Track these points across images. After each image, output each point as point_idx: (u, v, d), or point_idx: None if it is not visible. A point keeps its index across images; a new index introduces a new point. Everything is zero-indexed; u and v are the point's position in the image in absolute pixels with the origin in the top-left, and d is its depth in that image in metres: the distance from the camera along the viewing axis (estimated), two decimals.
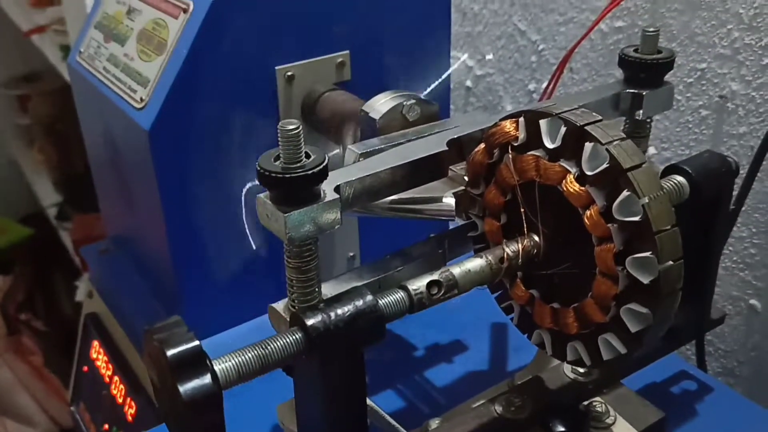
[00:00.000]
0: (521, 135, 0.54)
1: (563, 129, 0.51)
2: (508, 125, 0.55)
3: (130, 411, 0.87)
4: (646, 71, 0.66)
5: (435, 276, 0.50)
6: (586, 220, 0.50)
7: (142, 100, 0.76)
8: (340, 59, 0.82)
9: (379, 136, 0.69)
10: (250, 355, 0.44)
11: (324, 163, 0.49)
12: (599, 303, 0.51)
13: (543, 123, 0.52)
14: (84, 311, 1.05)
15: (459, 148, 0.60)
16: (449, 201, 0.60)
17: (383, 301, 0.48)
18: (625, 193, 0.48)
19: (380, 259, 0.60)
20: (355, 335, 0.46)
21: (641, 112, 0.67)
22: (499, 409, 0.61)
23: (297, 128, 0.48)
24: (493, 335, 0.85)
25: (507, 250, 0.53)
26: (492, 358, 0.82)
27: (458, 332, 0.84)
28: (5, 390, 1.99)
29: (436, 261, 0.58)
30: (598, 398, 0.64)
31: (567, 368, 0.66)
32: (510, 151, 0.55)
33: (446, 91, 0.91)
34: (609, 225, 0.49)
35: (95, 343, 0.98)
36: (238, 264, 0.84)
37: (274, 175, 0.48)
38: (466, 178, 0.59)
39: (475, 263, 0.52)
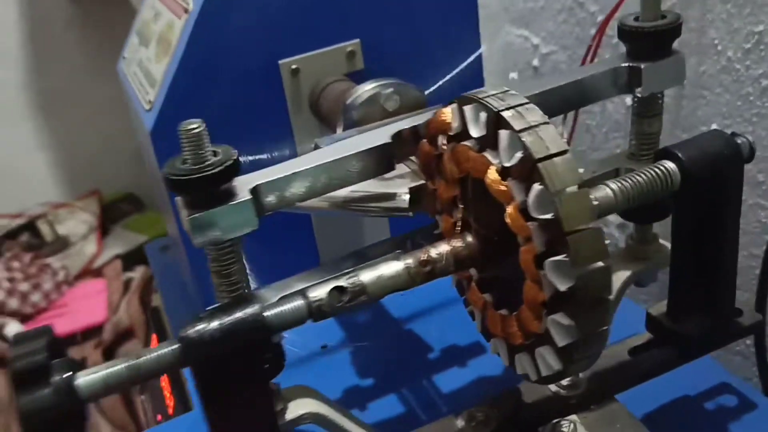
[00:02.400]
0: (455, 123, 0.48)
1: (483, 115, 0.45)
2: (446, 113, 0.49)
3: (171, 404, 0.89)
4: (644, 41, 0.58)
5: (341, 281, 0.46)
6: (507, 218, 0.44)
7: (150, 102, 0.77)
8: (350, 48, 0.79)
9: (358, 127, 0.66)
10: (120, 366, 0.43)
11: (227, 163, 0.47)
12: (531, 310, 0.45)
13: (467, 110, 0.47)
14: (151, 305, 1.10)
15: (414, 139, 0.55)
16: (405, 197, 0.56)
17: (274, 311, 0.45)
18: (537, 186, 0.41)
19: (335, 260, 0.57)
20: (236, 348, 0.44)
21: (641, 88, 0.58)
22: (460, 423, 0.56)
23: (197, 128, 0.46)
24: None
25: (430, 251, 0.48)
26: None
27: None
28: None
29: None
30: (573, 416, 0.57)
31: None
32: (447, 142, 0.50)
33: (475, 78, 0.85)
34: (528, 223, 0.43)
35: (153, 336, 1.03)
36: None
37: (173, 177, 0.46)
38: None
39: (390, 267, 0.47)
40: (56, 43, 2.30)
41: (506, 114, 0.43)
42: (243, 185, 0.49)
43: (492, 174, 0.45)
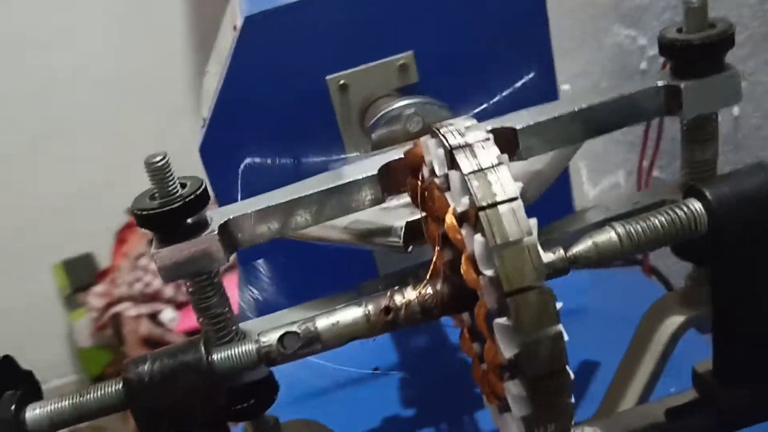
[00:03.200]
0: (428, 157, 0.44)
1: (440, 152, 0.40)
2: (422, 145, 0.45)
3: None
4: (686, 56, 0.49)
5: (294, 327, 0.43)
6: (462, 269, 0.39)
7: (204, 119, 0.78)
8: (401, 61, 0.75)
9: (375, 151, 0.62)
10: (65, 403, 0.43)
11: (193, 195, 0.45)
12: (493, 372, 0.40)
13: (430, 144, 0.42)
14: None
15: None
16: (399, 232, 0.52)
17: (222, 354, 0.43)
18: (479, 238, 0.36)
19: (330, 296, 0.55)
20: (180, 394, 0.42)
21: (683, 111, 0.50)
22: None
23: (161, 160, 0.45)
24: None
25: (395, 298, 0.44)
26: None
27: None
28: None
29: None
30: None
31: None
32: (423, 177, 0.45)
33: (548, 89, 0.78)
34: (480, 278, 0.38)
35: None
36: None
37: (139, 213, 0.45)
38: None
39: (347, 313, 0.44)
40: None
41: (458, 153, 0.38)
42: (217, 218, 0.47)
43: (449, 218, 0.40)
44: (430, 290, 0.44)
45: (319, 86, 0.75)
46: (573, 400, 0.37)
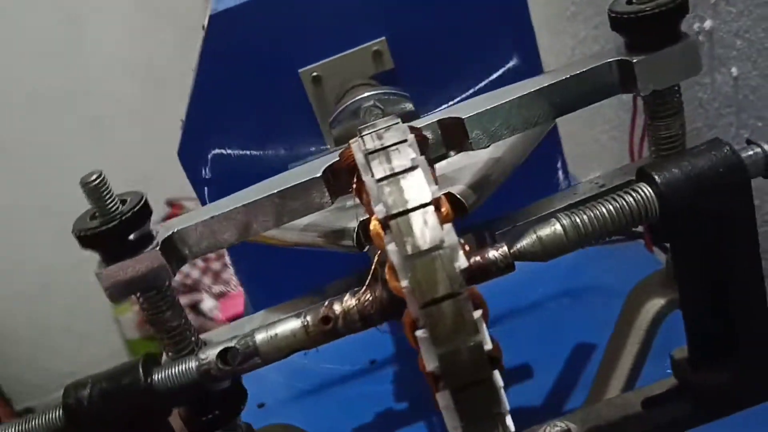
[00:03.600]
0: (358, 158, 0.42)
1: (360, 157, 0.39)
2: (353, 146, 0.43)
3: None
4: (638, 29, 0.46)
5: (232, 342, 0.43)
6: (387, 277, 0.38)
7: (182, 121, 0.78)
8: (375, 48, 0.73)
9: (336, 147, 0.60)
10: (11, 430, 0.43)
11: (132, 211, 0.45)
12: (429, 382, 0.38)
13: (354, 146, 0.40)
14: None
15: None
16: (352, 233, 0.51)
17: (161, 375, 0.43)
18: (392, 247, 0.35)
19: (293, 300, 0.54)
20: (120, 418, 0.42)
21: (639, 87, 0.47)
22: None
23: (96, 179, 0.45)
24: (571, 359, 0.69)
25: (334, 306, 0.42)
26: (554, 392, 0.67)
27: (525, 352, 0.71)
28: None
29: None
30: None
31: None
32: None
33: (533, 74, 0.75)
34: (401, 286, 0.36)
35: None
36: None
37: (81, 234, 0.45)
38: None
39: (285, 326, 0.42)
40: None
41: (372, 158, 0.37)
42: (162, 233, 0.47)
43: (373, 225, 0.38)
44: (369, 296, 0.42)
45: (292, 80, 0.74)
46: (505, 407, 0.35)
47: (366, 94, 0.59)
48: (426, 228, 0.34)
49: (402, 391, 0.73)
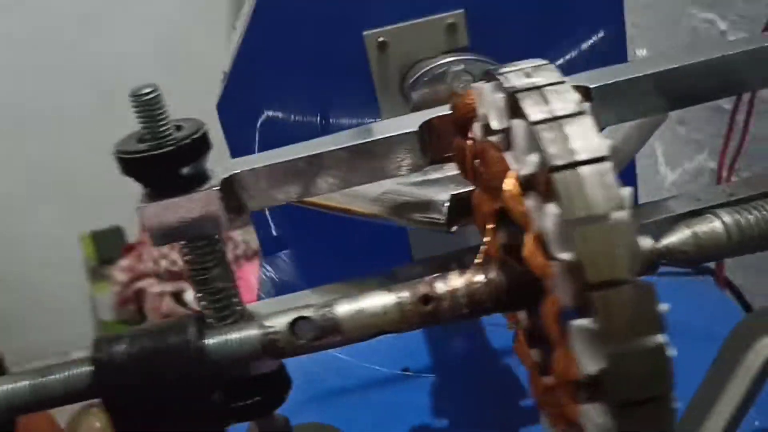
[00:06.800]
0: (481, 109, 0.35)
1: (500, 98, 0.31)
2: (471, 93, 0.36)
3: None
4: None
5: (308, 311, 0.35)
6: (524, 251, 0.30)
7: (224, 73, 0.70)
8: (450, 20, 0.66)
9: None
10: (24, 383, 0.35)
11: (191, 139, 0.37)
12: (563, 389, 0.31)
13: (486, 89, 0.33)
14: None
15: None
16: (443, 208, 0.43)
17: (216, 340, 0.35)
18: (552, 209, 0.27)
19: (354, 280, 0.46)
20: (162, 384, 0.34)
21: None
22: None
23: (151, 93, 0.37)
24: None
25: (435, 285, 0.35)
26: None
27: None
28: None
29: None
30: None
31: None
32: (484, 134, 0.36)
33: (617, 58, 0.69)
34: (551, 263, 0.29)
35: None
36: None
37: (123, 156, 0.37)
38: None
39: (376, 300, 0.35)
40: None
41: (523, 96, 0.29)
42: (219, 172, 0.39)
43: (509, 184, 0.31)
44: (481, 278, 0.35)
45: (355, 43, 0.66)
46: None
47: (453, 59, 0.52)
48: (602, 187, 0.26)
49: (438, 404, 0.65)
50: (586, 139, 0.27)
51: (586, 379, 0.27)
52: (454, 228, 0.43)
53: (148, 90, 0.36)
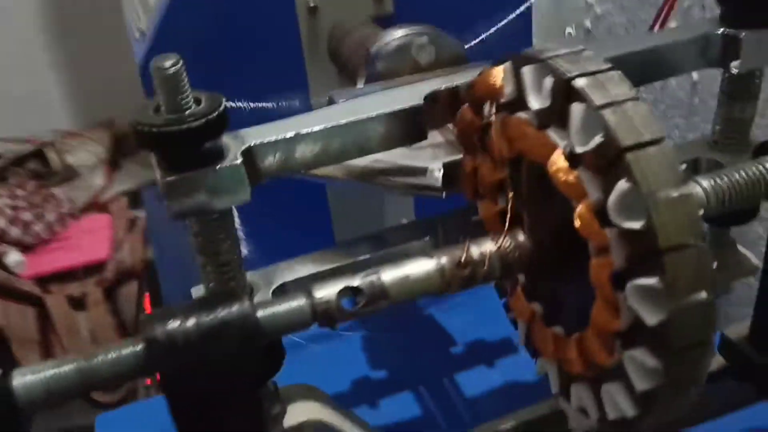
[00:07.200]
0: (508, 89, 0.38)
1: (549, 82, 0.34)
2: (496, 74, 0.39)
3: None
4: (746, 2, 0.46)
5: (355, 281, 0.36)
6: (577, 219, 0.34)
7: (141, 30, 0.67)
8: None
9: (380, 81, 0.55)
10: (69, 367, 0.33)
11: (214, 114, 0.36)
12: (600, 338, 0.35)
13: (526, 72, 0.36)
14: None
15: (453, 103, 0.44)
16: (438, 174, 0.46)
17: (268, 311, 0.35)
18: (623, 184, 0.31)
19: (348, 242, 0.48)
20: (217, 355, 0.34)
21: (738, 63, 0.47)
22: None
23: (174, 66, 0.36)
24: None
25: (471, 250, 0.38)
26: None
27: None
28: None
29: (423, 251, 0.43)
30: None
31: None
32: (496, 111, 0.39)
33: (523, 33, 0.74)
34: (606, 230, 0.32)
35: (146, 297, 0.94)
36: None
37: (144, 129, 0.36)
38: None
39: (419, 266, 0.37)
40: None
41: (581, 82, 0.33)
42: (235, 144, 0.39)
43: (558, 160, 0.34)
44: (510, 243, 0.38)
45: (285, 5, 0.66)
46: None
47: (417, 30, 0.54)
48: (667, 166, 0.31)
49: (372, 362, 0.68)
50: (646, 122, 0.31)
51: (636, 329, 0.31)
52: (444, 194, 0.46)
53: (170, 63, 0.35)
